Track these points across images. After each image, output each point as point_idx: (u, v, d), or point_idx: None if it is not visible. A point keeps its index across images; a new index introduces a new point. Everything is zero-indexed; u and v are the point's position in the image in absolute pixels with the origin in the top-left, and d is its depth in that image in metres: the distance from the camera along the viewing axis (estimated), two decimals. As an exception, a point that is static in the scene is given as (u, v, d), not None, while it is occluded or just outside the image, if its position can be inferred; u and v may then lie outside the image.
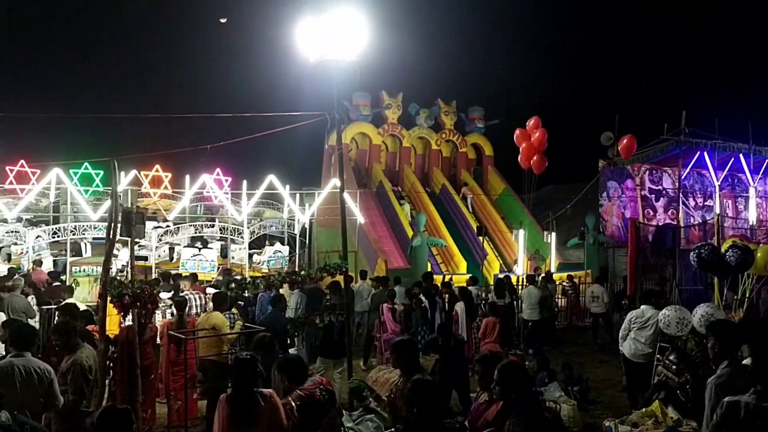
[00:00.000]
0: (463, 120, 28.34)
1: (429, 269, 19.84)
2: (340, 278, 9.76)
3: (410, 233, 21.14)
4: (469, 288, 13.69)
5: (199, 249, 16.89)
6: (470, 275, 16.74)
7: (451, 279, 16.67)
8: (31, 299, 11.51)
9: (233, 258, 18.96)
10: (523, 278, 16.44)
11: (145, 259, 16.53)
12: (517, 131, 23.46)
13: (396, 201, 24.57)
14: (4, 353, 7.84)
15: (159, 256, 17.73)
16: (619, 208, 23.98)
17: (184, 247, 17.94)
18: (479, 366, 5.15)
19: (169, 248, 19.10)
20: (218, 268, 16.39)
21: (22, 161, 24.10)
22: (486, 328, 10.56)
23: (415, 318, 11.71)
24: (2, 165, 25.22)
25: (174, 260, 18.30)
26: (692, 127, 18.02)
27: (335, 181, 20.14)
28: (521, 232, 20.90)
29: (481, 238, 19.04)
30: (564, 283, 17.44)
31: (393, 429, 4.54)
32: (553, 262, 21.48)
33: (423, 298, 12.02)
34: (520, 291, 15.41)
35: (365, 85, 25.27)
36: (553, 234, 22.03)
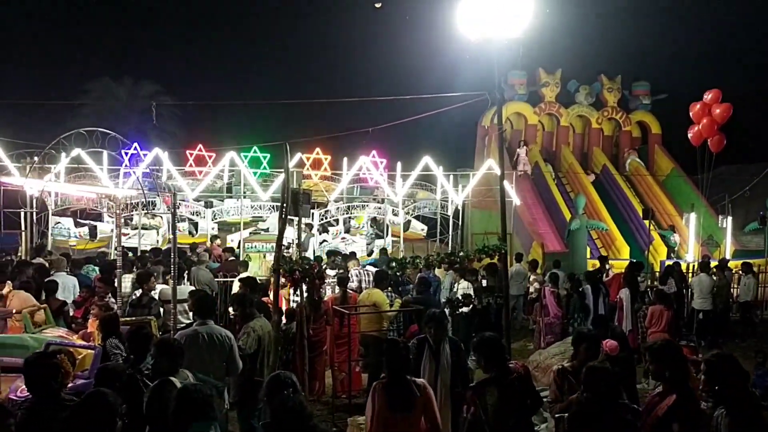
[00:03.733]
0: (627, 96, 26.74)
1: (588, 253, 19.11)
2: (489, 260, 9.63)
3: (568, 216, 20.44)
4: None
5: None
6: (631, 261, 15.86)
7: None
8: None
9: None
10: (694, 265, 15.30)
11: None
12: (697, 105, 21.64)
13: (552, 182, 23.84)
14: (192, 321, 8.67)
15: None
16: (808, 190, 21.49)
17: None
18: (650, 356, 4.83)
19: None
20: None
21: (200, 145, 26.20)
22: (653, 317, 10.00)
23: (573, 303, 11.35)
24: (183, 149, 27.69)
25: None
26: None
27: (490, 162, 19.97)
28: (692, 215, 19.45)
29: (647, 222, 17.93)
30: (741, 272, 16.00)
31: (564, 415, 4.41)
32: (728, 248, 19.75)
33: (583, 284, 11.59)
34: (690, 279, 14.38)
35: (521, 63, 24.59)
36: (729, 218, 20.23)
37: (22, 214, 15.96)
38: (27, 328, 8.05)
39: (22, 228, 15.98)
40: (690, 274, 14.84)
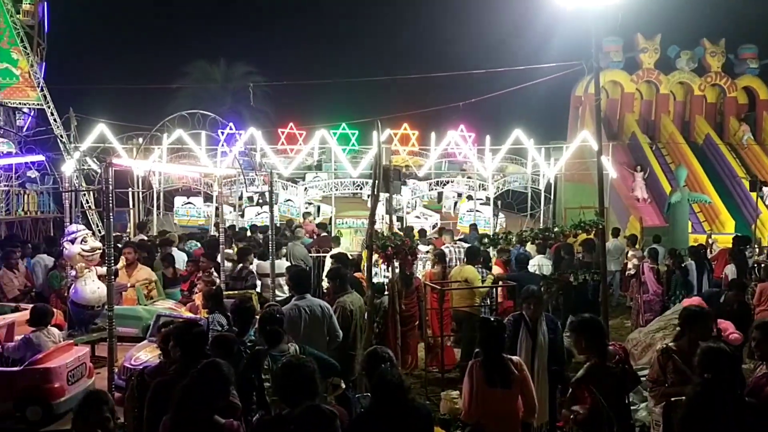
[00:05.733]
0: (732, 61, 25.10)
1: (690, 228, 18.24)
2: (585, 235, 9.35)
3: (668, 188, 19.56)
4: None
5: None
6: (737, 234, 14.98)
7: None
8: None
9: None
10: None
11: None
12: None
13: (651, 153, 22.83)
14: (288, 295, 8.97)
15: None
16: None
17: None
18: (757, 332, 4.49)
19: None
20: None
21: (291, 124, 26.81)
22: (761, 294, 9.41)
23: (675, 280, 10.89)
24: (275, 128, 28.43)
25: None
26: None
27: (585, 134, 19.32)
28: (806, 187, 18.11)
29: (754, 194, 16.85)
30: None
31: (681, 398, 4.22)
32: None
33: (686, 259, 11.09)
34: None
35: (617, 29, 23.53)
36: None
37: (130, 194, 16.96)
38: (140, 300, 8.61)
39: (130, 206, 17.01)
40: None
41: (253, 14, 51.94)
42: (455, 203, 20.87)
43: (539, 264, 10.74)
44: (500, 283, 9.04)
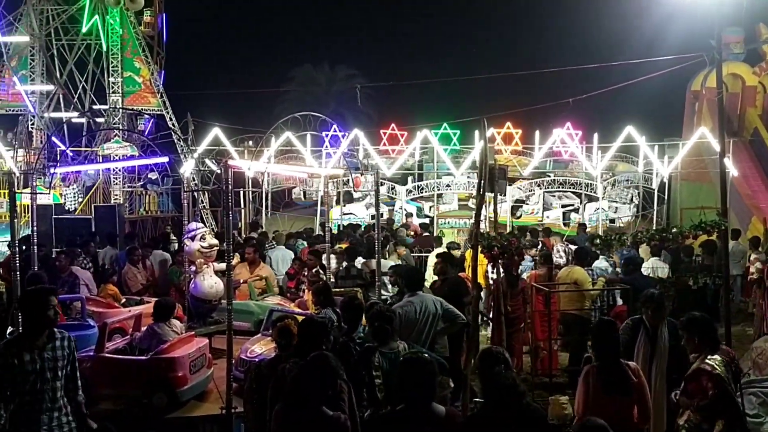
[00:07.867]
0: None
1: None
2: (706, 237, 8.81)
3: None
4: None
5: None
6: None
7: None
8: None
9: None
10: None
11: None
12: None
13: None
14: (392, 293, 9.04)
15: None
16: None
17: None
18: None
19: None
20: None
21: (393, 125, 27.08)
22: None
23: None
24: (376, 129, 28.81)
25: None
26: None
27: (702, 130, 18.27)
28: None
29: None
30: None
31: None
32: None
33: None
34: None
35: (737, 18, 22.11)
36: None
37: (242, 194, 17.74)
38: (252, 295, 8.97)
39: (242, 206, 17.79)
40: None
41: (355, 18, 52.95)
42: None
43: (653, 267, 10.25)
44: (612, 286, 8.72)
